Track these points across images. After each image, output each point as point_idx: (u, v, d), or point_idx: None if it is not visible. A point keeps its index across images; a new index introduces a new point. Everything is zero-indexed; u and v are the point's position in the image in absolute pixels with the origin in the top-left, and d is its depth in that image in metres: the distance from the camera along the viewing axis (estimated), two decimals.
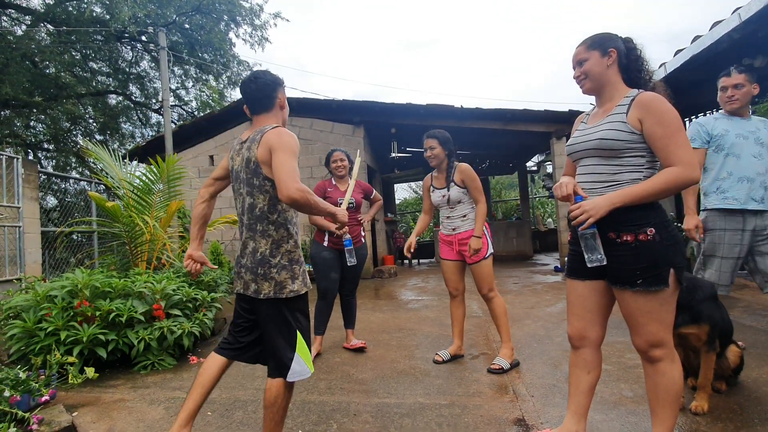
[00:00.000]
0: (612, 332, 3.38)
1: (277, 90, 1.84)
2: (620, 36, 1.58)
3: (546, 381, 2.51)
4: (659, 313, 1.46)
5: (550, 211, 14.35)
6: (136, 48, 12.11)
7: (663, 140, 1.40)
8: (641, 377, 2.48)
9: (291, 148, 1.63)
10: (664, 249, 1.43)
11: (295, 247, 1.74)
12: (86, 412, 2.34)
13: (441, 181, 2.93)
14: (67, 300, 2.94)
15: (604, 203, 1.42)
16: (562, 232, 7.30)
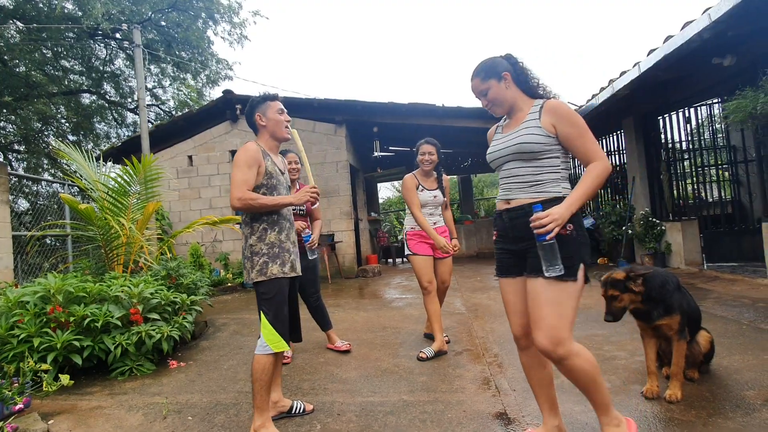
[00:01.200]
0: (591, 325, 3.47)
1: (254, 114, 2.15)
2: (502, 56, 1.72)
3: None
4: (563, 307, 1.53)
5: None
6: (110, 46, 11.78)
7: (579, 140, 1.55)
8: (618, 368, 2.55)
9: (239, 163, 2.00)
10: (578, 245, 1.55)
11: (257, 241, 2.03)
12: (62, 420, 2.27)
13: (431, 184, 3.18)
14: (40, 306, 2.85)
15: (565, 211, 1.49)
16: None
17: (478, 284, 5.87)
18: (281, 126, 2.15)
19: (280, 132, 2.15)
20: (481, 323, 3.80)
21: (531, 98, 1.68)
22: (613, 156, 8.39)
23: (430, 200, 3.14)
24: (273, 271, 2.00)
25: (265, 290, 2.01)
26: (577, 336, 3.15)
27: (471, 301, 4.79)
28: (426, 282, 3.05)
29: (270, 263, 2.01)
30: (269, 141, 2.17)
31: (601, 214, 7.86)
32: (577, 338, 3.13)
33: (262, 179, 2.04)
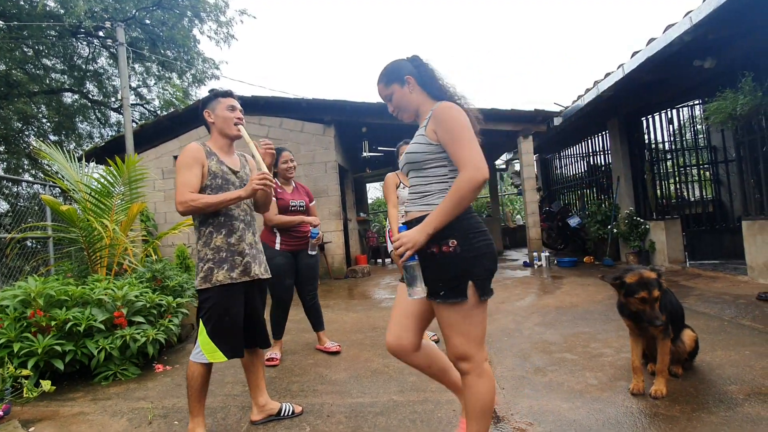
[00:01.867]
0: (577, 323, 3.51)
1: (204, 110, 2.10)
2: (407, 58, 1.64)
3: (516, 373, 2.57)
4: (461, 326, 1.43)
5: (519, 208, 14.73)
6: (93, 44, 11.54)
7: (450, 146, 1.43)
8: (605, 364, 2.58)
9: (178, 166, 1.95)
10: (464, 261, 1.41)
11: (203, 246, 1.96)
12: (43, 427, 2.21)
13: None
14: (20, 310, 2.77)
15: (418, 235, 1.41)
16: (531, 228, 7.50)
17: None
18: (229, 123, 2.04)
19: (228, 129, 2.04)
20: None
21: (435, 102, 1.56)
22: (599, 156, 8.53)
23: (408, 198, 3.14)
24: (218, 278, 1.90)
25: (205, 298, 1.91)
26: (565, 334, 3.22)
27: None
28: None
29: (215, 269, 1.90)
30: (219, 139, 2.07)
31: (587, 214, 7.98)
32: (565, 336, 3.20)
33: (206, 180, 1.95)
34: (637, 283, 2.08)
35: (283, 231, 3.02)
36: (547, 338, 3.20)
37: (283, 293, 3.04)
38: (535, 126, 7.53)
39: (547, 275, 6.25)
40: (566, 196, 10.39)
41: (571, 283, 5.43)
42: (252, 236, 2.08)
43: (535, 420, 1.98)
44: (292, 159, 3.15)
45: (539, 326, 3.53)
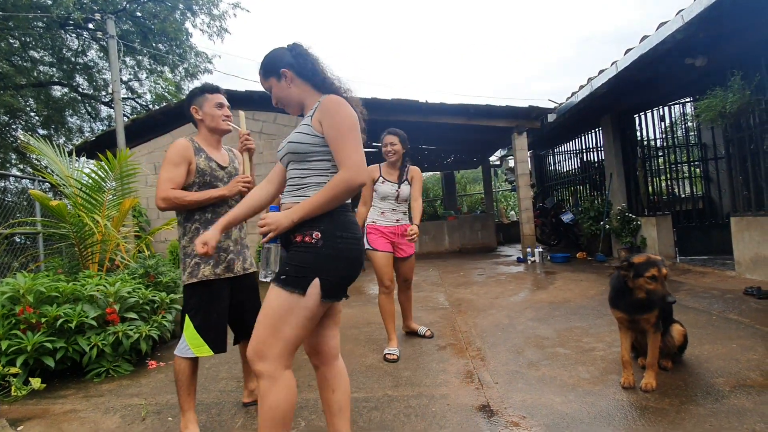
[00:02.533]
0: (570, 318, 3.55)
1: (190, 106, 2.07)
2: (287, 46, 1.55)
3: (509, 368, 2.59)
4: (279, 320, 1.33)
5: (513, 204, 14.81)
6: (83, 36, 11.35)
7: (335, 143, 1.39)
8: (597, 358, 2.61)
9: (165, 160, 1.94)
10: (320, 256, 1.36)
11: (189, 242, 1.96)
12: (33, 426, 2.19)
13: (393, 176, 3.11)
14: (9, 307, 2.73)
15: (284, 220, 1.37)
16: (524, 224, 7.54)
17: (461, 279, 5.93)
18: (218, 120, 2.04)
19: (217, 126, 2.05)
20: (464, 317, 3.84)
21: (320, 94, 1.51)
22: (592, 153, 8.59)
23: (390, 193, 3.05)
24: (204, 272, 1.93)
25: (192, 294, 1.94)
26: (558, 329, 3.25)
27: (454, 296, 4.84)
28: (387, 280, 2.97)
29: (202, 265, 1.94)
30: (208, 135, 2.07)
31: (580, 210, 8.05)
32: (558, 331, 3.23)
33: (193, 177, 1.96)
34: (645, 263, 2.11)
35: None
36: (540, 333, 3.23)
37: None
38: (529, 122, 7.55)
39: (541, 271, 6.29)
40: (560, 193, 10.46)
41: (564, 278, 5.47)
42: (238, 232, 2.09)
43: (528, 414, 2.00)
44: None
45: (533, 321, 3.56)
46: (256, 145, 7.50)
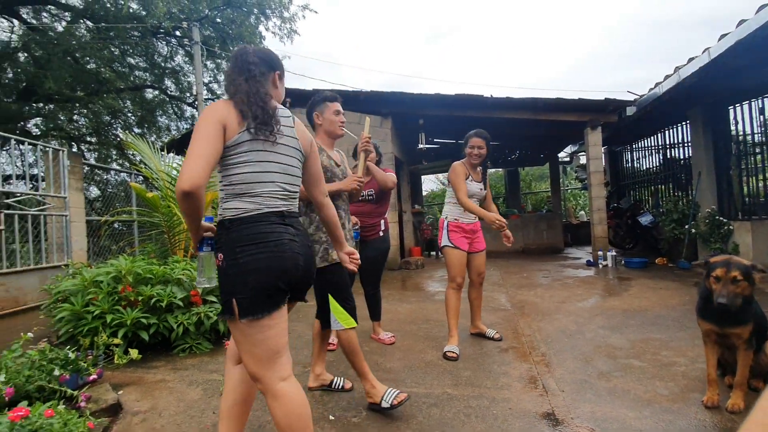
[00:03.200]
0: (646, 328, 3.29)
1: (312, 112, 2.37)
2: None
3: (577, 376, 2.47)
4: (242, 345, 1.37)
5: (583, 204, 13.93)
6: (171, 43, 12.46)
7: None
8: (677, 375, 2.41)
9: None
10: (227, 278, 1.36)
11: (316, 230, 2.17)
12: (131, 391, 2.48)
13: (477, 176, 3.16)
14: (112, 285, 3.11)
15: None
16: (596, 225, 7.08)
17: (524, 281, 5.72)
18: (335, 125, 2.32)
19: (334, 130, 2.33)
20: (528, 321, 3.71)
21: None
22: (677, 149, 7.82)
23: (476, 192, 3.11)
24: (334, 256, 2.12)
25: (331, 274, 2.15)
26: (632, 339, 3.04)
27: (516, 297, 4.69)
28: (460, 277, 3.02)
29: (330, 249, 2.13)
30: (325, 138, 2.35)
31: (661, 211, 7.37)
32: (632, 342, 3.02)
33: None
34: (719, 262, 1.97)
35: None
36: (612, 342, 3.04)
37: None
38: (604, 116, 7.05)
39: (613, 276, 5.88)
40: (637, 192, 9.66)
41: (641, 285, 5.07)
42: (348, 222, 2.35)
43: (597, 426, 1.91)
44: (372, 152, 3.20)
45: (603, 329, 3.36)
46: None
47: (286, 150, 1.49)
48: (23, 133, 10.69)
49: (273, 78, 1.56)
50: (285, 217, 1.46)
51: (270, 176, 1.44)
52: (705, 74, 5.13)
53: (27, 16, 10.61)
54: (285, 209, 1.47)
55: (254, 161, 1.41)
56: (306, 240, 1.55)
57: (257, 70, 1.48)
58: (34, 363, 2.23)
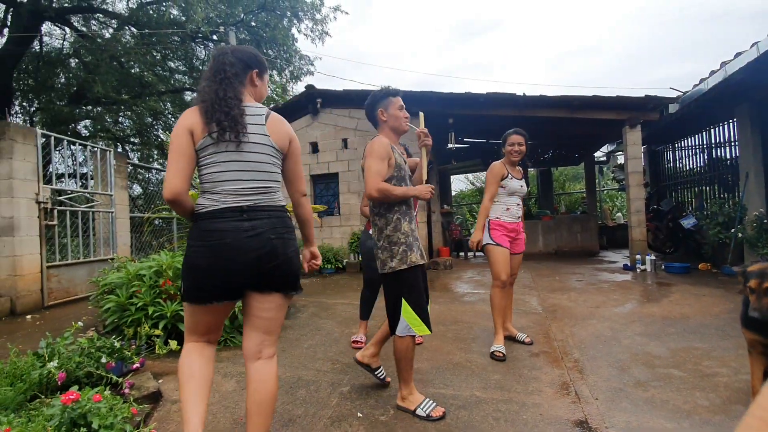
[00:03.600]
0: (687, 337, 3.14)
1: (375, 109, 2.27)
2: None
3: (612, 384, 2.39)
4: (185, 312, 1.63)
5: (620, 205, 13.40)
6: (208, 47, 12.91)
7: None
8: (719, 386, 2.29)
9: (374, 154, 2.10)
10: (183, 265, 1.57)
11: (394, 231, 2.11)
12: (170, 380, 2.60)
13: (518, 174, 3.17)
14: (154, 279, 3.28)
15: None
16: (634, 227, 6.80)
17: (556, 284, 5.58)
18: (400, 121, 2.23)
19: (399, 126, 2.24)
20: (560, 325, 3.62)
21: None
22: (723, 149, 7.39)
23: (518, 189, 3.11)
24: (412, 258, 2.08)
25: (406, 278, 2.09)
26: (672, 348, 2.92)
27: (548, 301, 4.58)
28: (504, 275, 3.00)
29: (409, 252, 2.09)
30: (390, 134, 2.25)
31: (705, 214, 7.00)
32: (672, 350, 2.90)
33: (393, 171, 2.13)
34: (754, 272, 1.87)
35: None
36: (649, 350, 2.92)
37: (373, 274, 3.18)
38: (644, 114, 6.76)
39: (652, 281, 5.64)
40: (679, 194, 9.20)
41: (682, 291, 4.84)
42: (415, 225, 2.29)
43: None
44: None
45: (641, 336, 3.23)
46: (351, 141, 7.86)
47: (255, 148, 1.55)
48: (74, 134, 11.39)
49: (250, 77, 1.62)
50: (245, 212, 1.51)
51: (233, 174, 1.52)
52: (753, 70, 4.83)
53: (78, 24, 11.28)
54: (250, 204, 1.53)
55: (218, 162, 1.51)
56: (273, 233, 1.54)
57: (231, 71, 1.55)
58: (84, 350, 2.39)
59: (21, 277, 4.65)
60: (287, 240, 1.59)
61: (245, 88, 1.61)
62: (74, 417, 1.81)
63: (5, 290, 4.57)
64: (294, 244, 1.62)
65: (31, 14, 9.19)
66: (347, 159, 8.02)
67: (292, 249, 1.60)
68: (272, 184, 1.60)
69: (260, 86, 1.66)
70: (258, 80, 1.65)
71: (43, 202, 4.92)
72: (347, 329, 3.62)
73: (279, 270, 1.55)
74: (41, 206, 4.92)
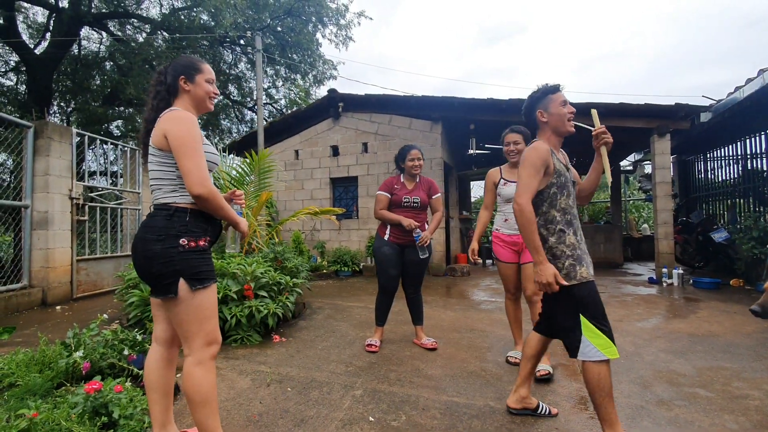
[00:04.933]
0: (716, 356, 3.01)
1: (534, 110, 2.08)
2: None
3: (633, 401, 2.31)
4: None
5: (647, 216, 12.99)
6: (235, 51, 13.25)
7: None
8: (750, 409, 2.19)
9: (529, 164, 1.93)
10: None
11: (558, 242, 1.90)
12: None
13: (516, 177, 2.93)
14: None
15: None
16: (661, 239, 6.58)
17: None
18: (564, 120, 1.99)
19: (563, 127, 2.00)
20: None
21: None
22: (759, 160, 7.08)
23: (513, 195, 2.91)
24: (582, 274, 1.86)
25: (579, 293, 1.85)
26: (699, 367, 2.79)
27: None
28: (512, 287, 2.92)
29: (576, 266, 1.87)
30: (551, 137, 2.03)
31: (738, 228, 6.71)
32: (699, 369, 2.78)
33: (551, 179, 1.94)
34: None
35: (393, 223, 3.15)
36: (674, 368, 2.81)
37: (387, 282, 3.18)
38: (674, 123, 6.55)
39: (679, 296, 5.43)
40: (711, 206, 8.85)
41: (711, 308, 4.64)
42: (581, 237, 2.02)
43: None
44: (420, 158, 3.19)
45: (665, 353, 3.11)
46: (371, 145, 7.86)
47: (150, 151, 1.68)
48: (106, 134, 11.84)
49: (178, 84, 1.71)
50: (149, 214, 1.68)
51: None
52: None
53: (113, 29, 11.76)
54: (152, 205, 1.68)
55: None
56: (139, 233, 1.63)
57: (161, 87, 1.72)
58: (108, 342, 2.47)
59: (53, 269, 4.85)
60: (146, 240, 1.57)
61: (177, 97, 1.73)
62: (96, 406, 1.88)
63: (38, 281, 4.77)
64: (153, 246, 1.55)
65: (71, 19, 9.64)
66: (367, 163, 8.06)
67: (150, 250, 1.55)
68: (157, 183, 1.66)
69: (193, 89, 1.72)
70: (189, 84, 1.71)
71: (76, 198, 5.13)
72: (362, 332, 3.62)
73: (139, 270, 1.62)
74: (73, 202, 5.12)
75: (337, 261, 7.44)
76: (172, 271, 1.55)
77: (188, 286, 1.56)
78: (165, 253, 1.54)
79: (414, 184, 3.23)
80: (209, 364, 1.62)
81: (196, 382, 1.59)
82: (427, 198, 3.24)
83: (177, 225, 1.58)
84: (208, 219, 1.67)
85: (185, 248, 1.56)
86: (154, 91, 1.72)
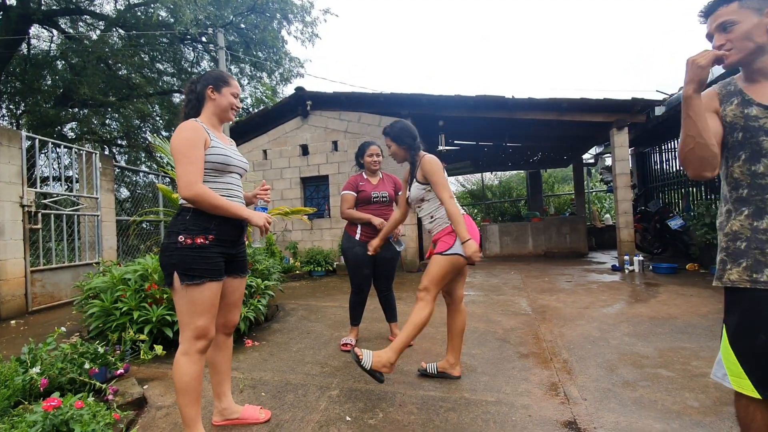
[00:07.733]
0: (675, 337, 3.17)
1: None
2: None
3: (600, 384, 2.40)
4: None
5: (609, 207, 13.55)
6: (197, 48, 12.82)
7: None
8: (708, 386, 2.31)
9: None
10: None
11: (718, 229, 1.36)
12: (155, 386, 2.56)
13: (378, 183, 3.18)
14: (139, 283, 3.22)
15: None
16: (622, 228, 6.87)
17: (546, 285, 5.61)
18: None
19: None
20: (549, 326, 3.63)
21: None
22: None
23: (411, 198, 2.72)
24: (730, 277, 1.26)
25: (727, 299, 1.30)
26: (660, 348, 2.93)
27: (538, 302, 4.59)
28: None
29: (728, 263, 1.28)
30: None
31: (692, 215, 7.10)
32: (660, 350, 2.91)
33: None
34: None
35: (363, 222, 3.13)
36: (638, 350, 2.94)
37: (361, 281, 3.15)
38: (631, 116, 6.85)
39: (640, 281, 5.69)
40: (667, 195, 9.33)
41: (670, 291, 4.89)
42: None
43: None
44: (378, 153, 3.25)
45: (629, 336, 3.25)
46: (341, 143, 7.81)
47: None
48: (60, 137, 11.20)
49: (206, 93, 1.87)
50: None
51: None
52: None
53: (65, 26, 11.12)
54: None
55: None
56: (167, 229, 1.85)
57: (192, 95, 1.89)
58: (67, 356, 2.33)
59: (5, 281, 4.54)
60: (165, 235, 1.83)
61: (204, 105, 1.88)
62: (56, 423, 1.76)
63: None
64: (164, 240, 1.78)
65: (19, 17, 9.05)
66: (338, 161, 8.00)
67: (162, 243, 1.77)
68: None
69: (217, 98, 1.87)
70: (214, 94, 1.87)
71: (28, 206, 4.82)
72: (337, 332, 3.59)
73: None
74: (25, 210, 4.82)
75: (310, 261, 7.36)
76: (170, 264, 1.71)
77: (180, 280, 1.69)
78: (167, 247, 1.73)
79: (378, 180, 3.26)
80: (195, 357, 1.74)
81: (180, 371, 1.73)
82: (393, 193, 3.26)
83: (178, 223, 1.75)
84: (213, 218, 1.75)
85: (182, 244, 1.70)
86: (186, 99, 1.89)
